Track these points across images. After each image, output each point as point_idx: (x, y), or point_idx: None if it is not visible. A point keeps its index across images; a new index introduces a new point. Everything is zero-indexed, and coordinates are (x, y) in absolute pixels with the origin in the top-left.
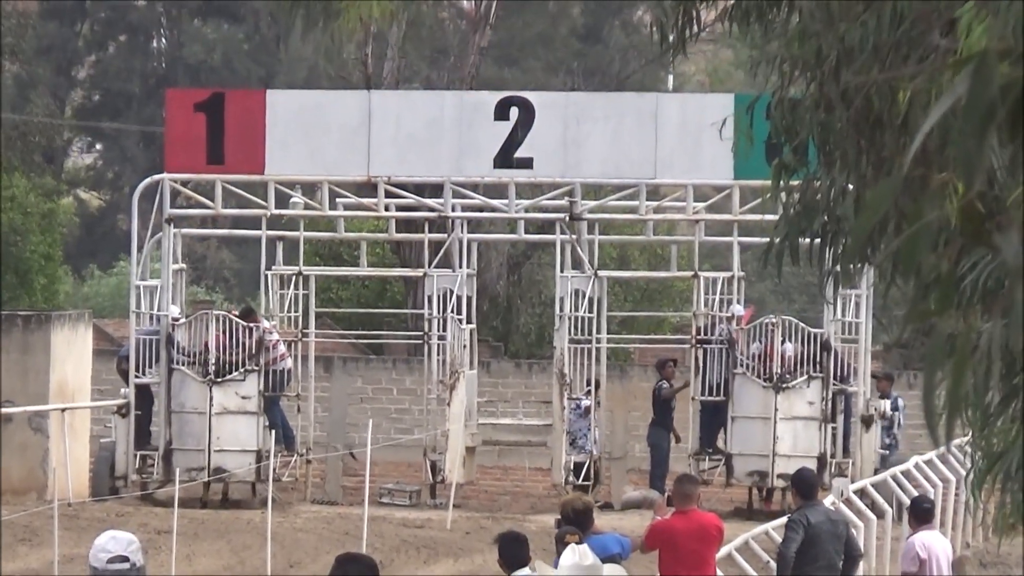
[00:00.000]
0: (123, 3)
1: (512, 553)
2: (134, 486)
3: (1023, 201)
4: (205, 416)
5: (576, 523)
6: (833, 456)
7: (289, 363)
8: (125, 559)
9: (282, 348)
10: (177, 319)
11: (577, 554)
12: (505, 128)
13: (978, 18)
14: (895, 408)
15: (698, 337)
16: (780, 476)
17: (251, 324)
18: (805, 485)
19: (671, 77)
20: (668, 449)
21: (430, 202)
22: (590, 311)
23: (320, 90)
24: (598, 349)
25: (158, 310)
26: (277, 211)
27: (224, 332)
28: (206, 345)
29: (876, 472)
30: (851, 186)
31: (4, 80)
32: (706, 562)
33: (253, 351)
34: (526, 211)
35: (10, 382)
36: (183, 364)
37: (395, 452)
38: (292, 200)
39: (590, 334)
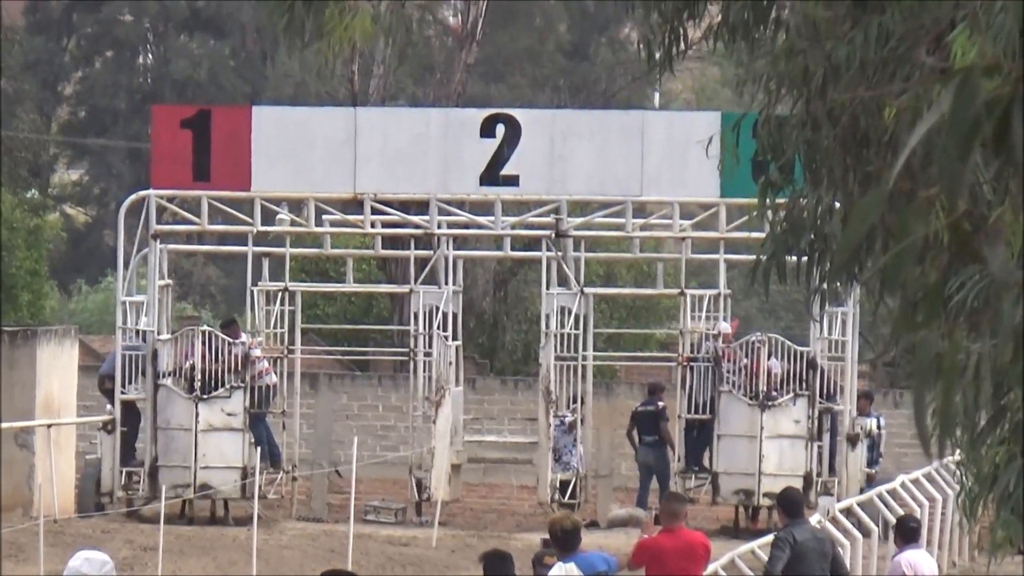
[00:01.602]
0: (109, 18)
1: (497, 571)
2: (120, 502)
3: (1007, 216)
4: (191, 432)
5: (564, 542)
6: (819, 474)
7: (272, 378)
8: None
9: (264, 363)
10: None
11: (564, 571)
12: (491, 145)
13: (971, 40)
14: (879, 427)
15: (687, 355)
16: (766, 494)
17: (231, 336)
18: (790, 503)
19: (657, 94)
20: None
21: (416, 219)
22: (576, 328)
23: (306, 106)
24: (584, 366)
25: (144, 326)
26: (263, 227)
27: (208, 348)
28: (190, 361)
29: (862, 491)
30: (838, 204)
31: None
32: None
33: (237, 366)
34: (512, 228)
35: None
36: (168, 380)
37: (381, 469)
38: (278, 216)
39: (576, 351)
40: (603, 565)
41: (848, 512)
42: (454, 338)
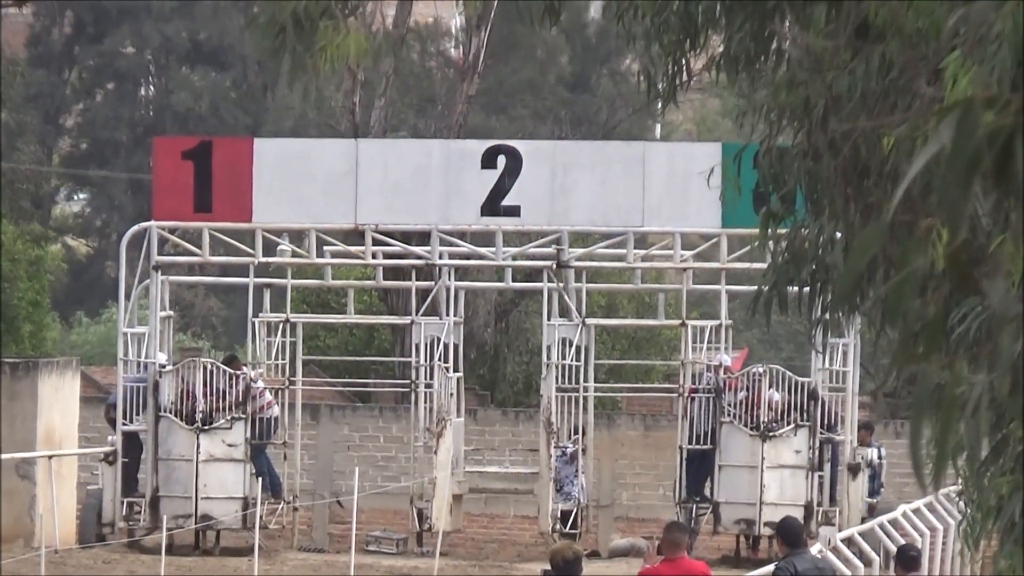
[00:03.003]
0: (111, 51)
1: None
2: (121, 533)
3: (1007, 248)
4: (192, 463)
5: (565, 572)
6: (820, 504)
7: (276, 411)
8: None
9: (268, 396)
10: (164, 366)
11: None
12: (492, 176)
13: (964, 68)
14: (880, 457)
15: (691, 387)
16: (767, 524)
17: (235, 372)
18: (790, 533)
19: (659, 126)
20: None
21: (417, 250)
22: (577, 359)
23: (307, 138)
24: (585, 397)
25: (146, 357)
26: (264, 259)
27: (209, 381)
28: (192, 393)
29: (863, 521)
30: (839, 234)
31: None
32: None
33: (240, 399)
34: (513, 259)
35: None
36: (170, 412)
37: (382, 500)
38: (279, 248)
39: (577, 382)
40: None
41: (849, 542)
42: (455, 369)
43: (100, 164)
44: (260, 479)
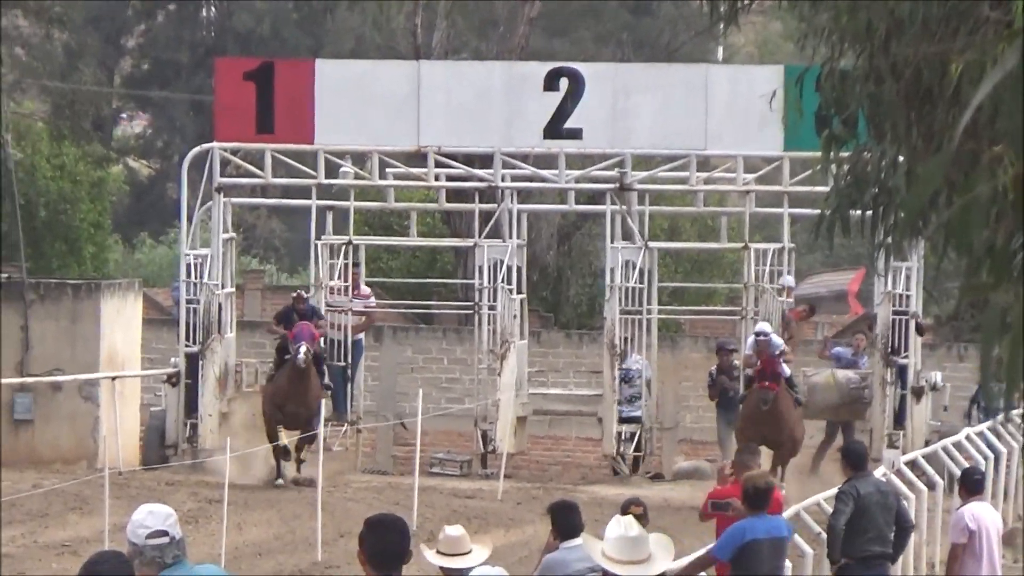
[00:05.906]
0: None
1: (566, 522)
2: (184, 454)
3: None
4: None
5: (756, 501)
6: (884, 428)
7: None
8: (164, 533)
9: (373, 300)
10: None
11: (623, 525)
12: (554, 99)
13: None
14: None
15: (755, 311)
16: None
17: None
18: (855, 456)
19: (720, 49)
20: (726, 432)
21: (480, 172)
22: (640, 282)
23: (369, 60)
24: (648, 320)
25: (208, 279)
26: (327, 180)
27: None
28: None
29: (927, 444)
30: (901, 158)
31: (53, 48)
32: None
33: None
34: (576, 182)
35: (60, 350)
36: (231, 333)
37: (445, 422)
38: (342, 170)
39: (640, 305)
40: (787, 531)
41: (913, 465)
42: (518, 291)
43: (161, 85)
44: (330, 392)
